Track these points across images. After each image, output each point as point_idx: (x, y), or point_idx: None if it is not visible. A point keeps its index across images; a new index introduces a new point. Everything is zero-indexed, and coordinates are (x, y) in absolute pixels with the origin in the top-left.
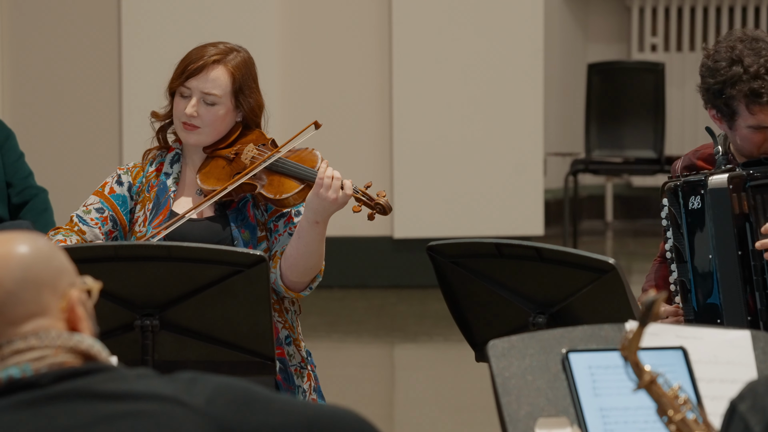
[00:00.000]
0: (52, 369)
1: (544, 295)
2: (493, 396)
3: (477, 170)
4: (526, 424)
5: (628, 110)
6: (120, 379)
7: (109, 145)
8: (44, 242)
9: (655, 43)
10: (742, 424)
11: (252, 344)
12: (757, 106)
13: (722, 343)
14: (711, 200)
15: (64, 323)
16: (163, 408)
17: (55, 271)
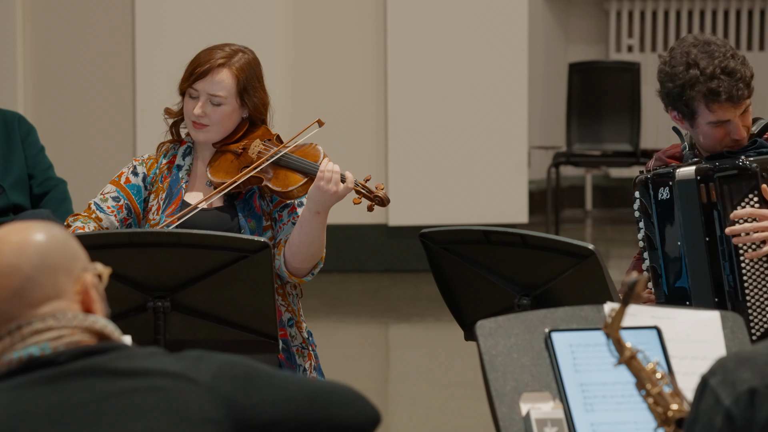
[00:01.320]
0: (69, 348)
1: (529, 278)
2: (481, 372)
3: (466, 162)
4: (511, 398)
5: (606, 107)
6: (132, 356)
7: (123, 139)
8: (59, 230)
9: (631, 44)
10: (713, 397)
11: (256, 324)
12: (715, 104)
13: (694, 323)
14: (678, 191)
15: (78, 305)
16: (172, 383)
17: (69, 257)
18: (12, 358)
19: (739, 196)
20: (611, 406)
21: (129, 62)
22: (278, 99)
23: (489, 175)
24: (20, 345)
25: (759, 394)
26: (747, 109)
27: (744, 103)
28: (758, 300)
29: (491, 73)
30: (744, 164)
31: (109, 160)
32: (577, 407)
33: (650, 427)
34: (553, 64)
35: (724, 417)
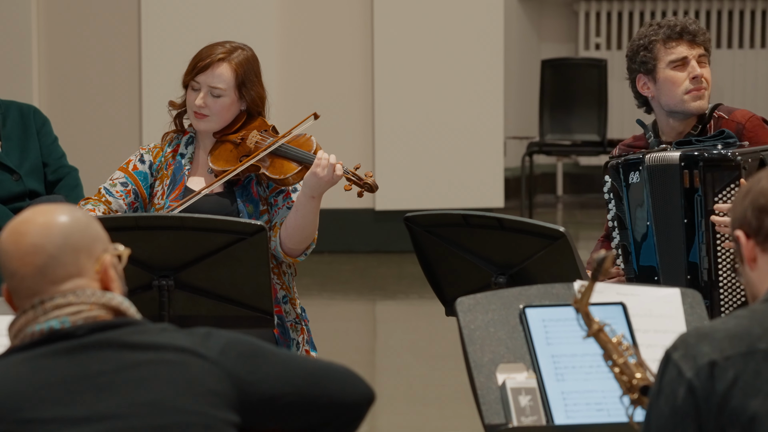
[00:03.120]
0: (87, 322)
1: (505, 258)
2: (461, 345)
3: (447, 151)
4: (489, 369)
5: (575, 100)
6: (145, 332)
7: (130, 129)
8: (82, 213)
9: (598, 42)
10: (676, 369)
11: (253, 301)
12: (673, 41)
13: (656, 299)
14: (648, 175)
15: (98, 283)
16: (181, 357)
17: (90, 239)
18: (35, 330)
19: (720, 185)
20: (580, 376)
21: (135, 59)
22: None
23: (468, 163)
24: (42, 318)
25: (718, 367)
26: (705, 62)
27: (700, 46)
28: (730, 282)
29: (470, 69)
30: (728, 155)
31: (117, 149)
32: (549, 377)
33: (615, 395)
34: (526, 61)
35: (687, 388)
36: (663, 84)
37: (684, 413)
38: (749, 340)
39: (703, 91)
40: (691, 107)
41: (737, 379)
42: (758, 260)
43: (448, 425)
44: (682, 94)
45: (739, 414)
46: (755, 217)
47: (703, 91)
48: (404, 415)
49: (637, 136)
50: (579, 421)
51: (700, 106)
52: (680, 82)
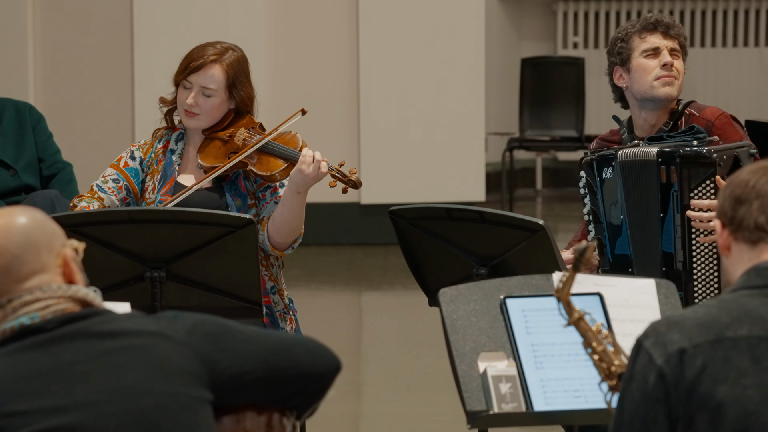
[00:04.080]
0: (56, 315)
1: (486, 250)
2: (443, 334)
3: (430, 147)
4: (470, 357)
5: (554, 97)
6: (113, 320)
7: (123, 126)
8: (37, 212)
9: (576, 41)
10: (647, 356)
11: (242, 292)
12: (647, 32)
13: (632, 290)
14: (621, 170)
15: (61, 277)
16: (150, 341)
17: (49, 235)
18: (5, 328)
19: (696, 180)
20: (558, 364)
21: (128, 58)
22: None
23: (450, 158)
24: (12, 316)
25: (687, 354)
26: (678, 55)
27: (674, 39)
28: (704, 274)
29: (452, 67)
30: (704, 152)
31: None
32: (528, 365)
33: (591, 381)
34: (507, 59)
35: (657, 375)
36: (635, 72)
37: (654, 399)
38: (717, 329)
39: (672, 79)
40: (659, 92)
41: (705, 366)
42: (732, 249)
43: (431, 412)
44: (652, 80)
45: (707, 399)
46: (731, 207)
47: (672, 79)
48: (389, 402)
49: (613, 131)
50: (557, 407)
51: (668, 93)
52: (651, 69)
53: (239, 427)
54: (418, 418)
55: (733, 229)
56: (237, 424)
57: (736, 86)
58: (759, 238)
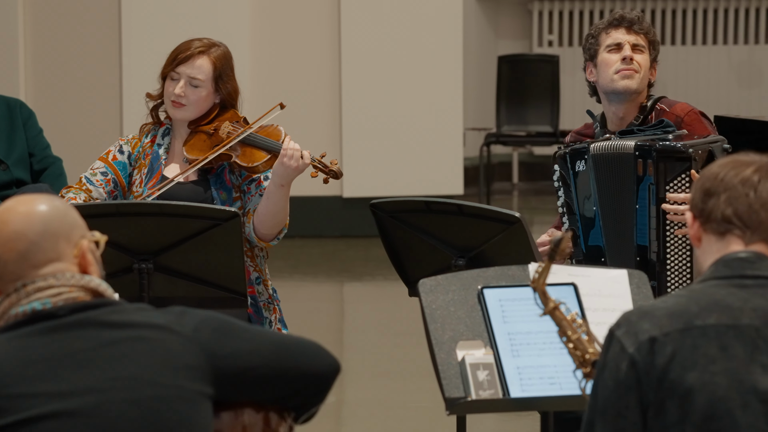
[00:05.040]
0: (68, 303)
1: (464, 242)
2: (423, 324)
3: (410, 142)
4: (449, 346)
5: (530, 94)
6: (122, 311)
7: (111, 121)
8: (60, 202)
9: (551, 39)
10: (619, 345)
11: (228, 283)
12: (612, 28)
13: (605, 280)
14: (593, 163)
15: (76, 267)
16: (157, 334)
17: (69, 225)
18: (18, 311)
19: (672, 174)
20: (534, 352)
21: (116, 56)
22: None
23: (430, 153)
24: (25, 300)
25: (658, 342)
26: (642, 50)
27: (638, 35)
28: (677, 265)
29: (431, 64)
30: (680, 147)
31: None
32: (505, 353)
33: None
34: (484, 57)
35: (629, 363)
36: (600, 66)
37: (626, 386)
38: (687, 318)
39: (632, 72)
40: (618, 85)
41: (675, 354)
42: (702, 240)
43: (411, 399)
44: (612, 73)
45: (676, 386)
46: (701, 200)
47: (631, 72)
48: (370, 389)
49: (588, 125)
50: (533, 394)
51: (626, 86)
52: (612, 63)
53: (237, 423)
54: (399, 404)
55: (703, 221)
56: (235, 419)
57: (706, 83)
58: (726, 230)
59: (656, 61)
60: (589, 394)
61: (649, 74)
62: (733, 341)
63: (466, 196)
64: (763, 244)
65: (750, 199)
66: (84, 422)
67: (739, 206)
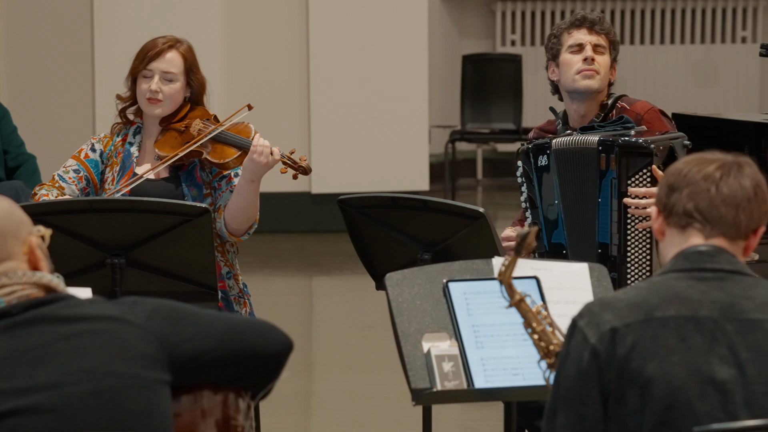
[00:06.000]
0: (21, 300)
1: (430, 237)
2: (390, 316)
3: (377, 139)
4: (415, 338)
5: (493, 92)
6: (75, 305)
7: (84, 120)
8: (5, 202)
9: (514, 39)
10: (581, 335)
11: (199, 277)
12: (574, 29)
13: (566, 273)
14: (555, 158)
15: (27, 264)
16: (111, 326)
17: (16, 224)
18: None
19: (634, 169)
20: (498, 344)
21: (89, 55)
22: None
23: (396, 150)
24: None
25: (619, 333)
26: (603, 51)
27: (599, 35)
28: (637, 258)
29: (397, 63)
30: (642, 143)
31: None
32: (469, 345)
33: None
34: (449, 56)
35: (591, 352)
36: (562, 66)
37: (588, 375)
38: (647, 309)
39: (593, 73)
40: (579, 85)
41: (636, 345)
42: (665, 233)
43: (378, 390)
44: (574, 74)
45: (637, 376)
46: (665, 194)
47: (592, 72)
48: (338, 380)
49: (550, 121)
50: (497, 384)
51: (587, 85)
52: (574, 63)
53: (196, 406)
54: (366, 395)
55: (666, 214)
56: (194, 402)
57: (664, 81)
58: (687, 224)
59: (616, 60)
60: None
61: (609, 74)
62: (692, 332)
63: (432, 192)
64: (723, 239)
65: (711, 194)
66: (46, 417)
67: (700, 201)
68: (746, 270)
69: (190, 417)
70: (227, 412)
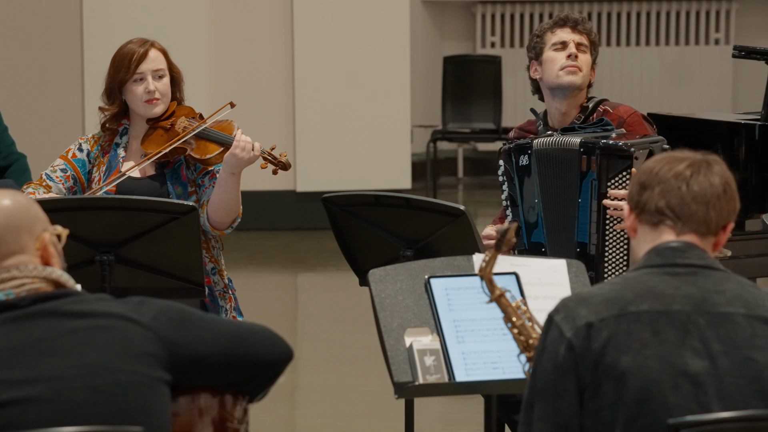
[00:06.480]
0: (30, 294)
1: (412, 234)
2: (373, 312)
3: (361, 138)
4: (397, 332)
5: (474, 92)
6: (83, 301)
7: (73, 121)
8: (23, 197)
9: (494, 41)
10: (557, 330)
11: (186, 274)
12: (558, 28)
13: (545, 269)
14: (536, 158)
15: (39, 259)
16: (117, 323)
17: (31, 219)
18: None
19: (614, 171)
20: (478, 338)
21: (78, 57)
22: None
23: (379, 149)
24: None
25: (594, 327)
26: (585, 50)
27: (582, 35)
28: (614, 257)
29: (380, 65)
30: (623, 146)
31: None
32: (450, 339)
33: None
34: (430, 58)
35: (567, 347)
36: (545, 64)
37: (564, 369)
38: (621, 304)
39: (576, 69)
40: (563, 80)
41: (610, 339)
42: (638, 230)
43: (361, 383)
44: (558, 70)
45: (611, 369)
46: (637, 192)
47: (575, 69)
48: (323, 374)
49: (530, 121)
50: (477, 378)
51: (571, 81)
52: (557, 60)
53: (194, 407)
54: (350, 389)
55: (638, 212)
56: (192, 403)
57: (639, 82)
58: (659, 221)
59: (596, 62)
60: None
61: (590, 74)
62: (665, 326)
63: (414, 190)
64: (694, 235)
65: (682, 192)
66: (46, 408)
67: (671, 199)
68: (717, 265)
69: (188, 417)
70: (224, 413)
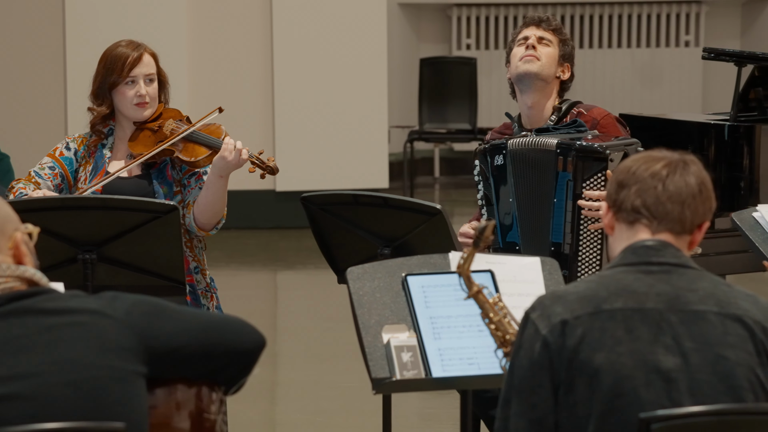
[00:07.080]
0: (4, 293)
1: (389, 232)
2: (351, 309)
3: (338, 139)
4: (375, 329)
5: (450, 93)
6: (57, 298)
7: (56, 121)
8: None
9: (469, 43)
10: (533, 327)
11: (168, 272)
12: (524, 27)
13: (520, 267)
14: (511, 158)
15: (11, 258)
16: (91, 318)
17: (2, 220)
18: None
19: (589, 173)
20: (454, 335)
21: (60, 58)
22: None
23: (357, 149)
24: None
25: (569, 325)
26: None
27: (546, 31)
28: (588, 256)
29: (358, 67)
30: (598, 148)
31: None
32: (427, 336)
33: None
34: (407, 59)
35: (542, 344)
36: (511, 60)
37: (540, 365)
38: (596, 302)
39: (533, 58)
40: (521, 69)
41: (585, 336)
42: (615, 228)
43: (340, 379)
44: (517, 61)
45: (585, 366)
46: (614, 191)
47: (532, 58)
48: (302, 370)
49: (506, 124)
50: (454, 373)
51: (527, 69)
52: (519, 54)
53: (171, 399)
54: (329, 385)
55: (615, 210)
56: (169, 395)
57: (611, 84)
58: (635, 219)
59: (568, 60)
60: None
61: (556, 66)
62: (639, 324)
63: (391, 189)
64: (669, 234)
65: (658, 191)
66: (24, 405)
67: (647, 198)
68: (691, 263)
69: (165, 409)
70: (200, 405)
